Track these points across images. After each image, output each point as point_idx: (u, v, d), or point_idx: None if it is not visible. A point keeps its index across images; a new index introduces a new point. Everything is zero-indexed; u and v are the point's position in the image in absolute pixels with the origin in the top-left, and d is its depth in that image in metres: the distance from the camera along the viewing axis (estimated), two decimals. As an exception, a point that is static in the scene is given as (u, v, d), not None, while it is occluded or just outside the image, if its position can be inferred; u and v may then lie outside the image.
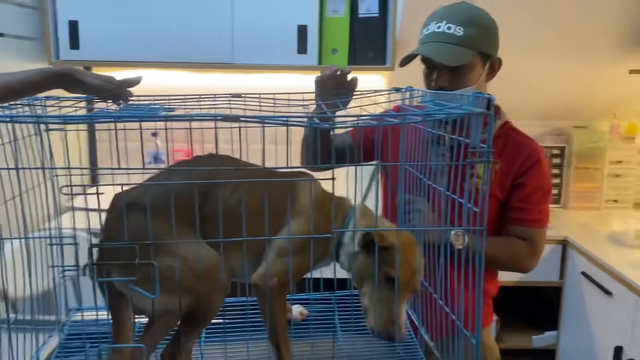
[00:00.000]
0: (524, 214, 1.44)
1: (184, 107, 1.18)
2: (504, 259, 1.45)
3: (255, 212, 1.02)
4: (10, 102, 1.06)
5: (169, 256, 0.95)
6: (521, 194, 1.44)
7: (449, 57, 1.37)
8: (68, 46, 2.54)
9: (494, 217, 1.47)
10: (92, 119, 0.78)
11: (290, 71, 2.77)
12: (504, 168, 1.44)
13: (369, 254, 1.03)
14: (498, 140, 1.46)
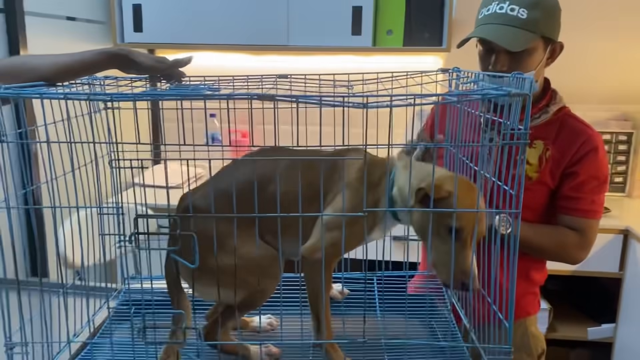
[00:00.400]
0: (576, 203, 1.40)
1: (231, 88, 1.22)
2: (551, 248, 1.42)
3: (305, 197, 1.02)
4: (70, 82, 1.13)
5: (228, 254, 1.00)
6: (573, 183, 1.39)
7: (511, 41, 1.32)
8: (132, 29, 2.66)
9: (543, 206, 1.43)
10: (138, 97, 0.82)
11: (345, 53, 2.78)
12: (556, 155, 1.40)
13: (426, 207, 0.97)
14: (552, 126, 1.43)
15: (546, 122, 1.43)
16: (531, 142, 1.42)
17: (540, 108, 1.43)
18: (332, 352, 1.06)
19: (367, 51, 2.66)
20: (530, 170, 1.41)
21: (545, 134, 1.43)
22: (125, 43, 2.67)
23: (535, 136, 1.43)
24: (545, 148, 1.42)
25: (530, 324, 1.53)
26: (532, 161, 1.42)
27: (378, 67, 2.83)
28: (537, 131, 1.42)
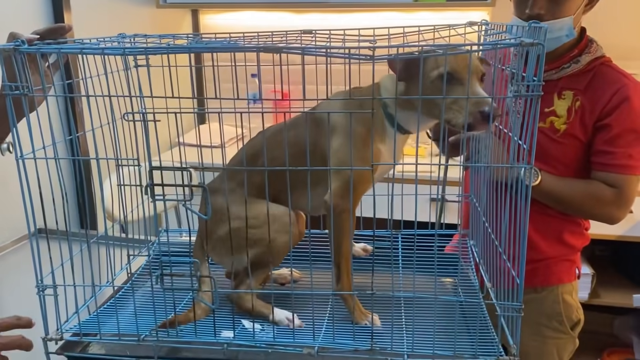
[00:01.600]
0: (611, 159, 1.32)
1: (257, 43, 1.22)
2: (585, 203, 1.35)
3: (301, 154, 1.03)
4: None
5: (238, 220, 1.05)
6: (607, 136, 1.32)
7: None
8: (174, -11, 2.68)
9: (577, 161, 1.37)
10: (171, 50, 0.84)
11: (386, 9, 2.71)
12: (587, 106, 1.34)
13: (410, 78, 0.98)
14: (583, 76, 1.38)
15: (577, 71, 1.38)
16: (560, 93, 1.37)
17: (572, 57, 1.38)
18: (350, 301, 1.08)
19: (408, 7, 2.59)
20: (559, 122, 1.37)
21: (575, 84, 1.38)
22: (168, 3, 2.70)
23: (564, 86, 1.38)
24: (574, 98, 1.37)
25: (564, 291, 1.47)
26: (560, 113, 1.37)
27: (421, 24, 2.74)
28: (566, 81, 1.38)
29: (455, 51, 0.92)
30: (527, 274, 0.94)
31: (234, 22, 3.02)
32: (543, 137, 1.37)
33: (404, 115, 1.06)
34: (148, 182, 0.88)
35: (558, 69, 1.38)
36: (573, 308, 1.47)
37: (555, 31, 1.31)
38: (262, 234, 1.04)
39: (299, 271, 1.27)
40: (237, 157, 1.20)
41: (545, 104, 1.38)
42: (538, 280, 1.43)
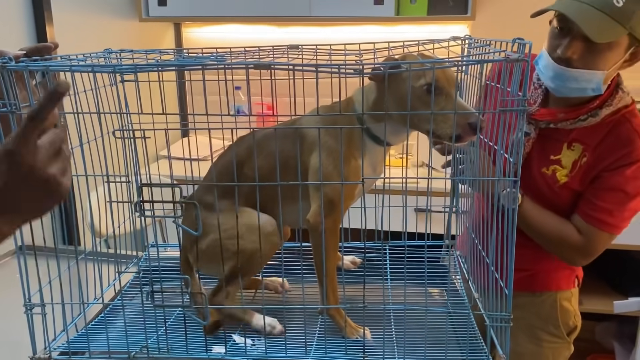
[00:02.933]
0: (591, 209, 1.29)
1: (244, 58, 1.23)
2: (551, 238, 1.33)
3: (281, 167, 1.04)
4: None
5: (214, 234, 1.05)
6: (597, 187, 1.28)
7: (597, 29, 1.12)
8: (156, 3, 2.68)
9: (566, 207, 1.33)
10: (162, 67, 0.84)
11: (368, 23, 2.74)
12: (592, 163, 1.28)
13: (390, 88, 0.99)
14: (599, 130, 1.27)
15: (593, 125, 1.28)
16: (570, 143, 1.30)
17: (591, 109, 1.26)
18: (337, 317, 1.08)
19: (390, 21, 2.62)
20: (561, 173, 1.31)
21: (588, 138, 1.29)
22: (150, 17, 2.70)
23: (576, 138, 1.29)
24: (583, 154, 1.29)
25: (562, 297, 1.46)
26: (565, 164, 1.31)
27: (402, 37, 2.76)
28: (579, 133, 1.29)
29: (443, 66, 0.94)
30: (526, 279, 0.96)
31: (217, 36, 3.03)
32: (542, 182, 1.33)
33: (380, 127, 1.07)
34: (138, 199, 0.88)
35: (574, 120, 1.28)
36: (570, 314, 1.47)
37: (582, 81, 1.20)
38: (241, 244, 1.04)
39: (290, 284, 1.27)
40: (222, 164, 1.18)
41: (552, 151, 1.32)
42: (537, 286, 1.43)
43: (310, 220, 1.07)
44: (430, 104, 0.92)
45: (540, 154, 1.29)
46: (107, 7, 2.62)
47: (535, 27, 2.52)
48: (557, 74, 1.21)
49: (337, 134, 1.06)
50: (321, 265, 1.07)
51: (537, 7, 1.27)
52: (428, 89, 0.95)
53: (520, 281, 1.09)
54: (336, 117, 1.09)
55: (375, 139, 1.10)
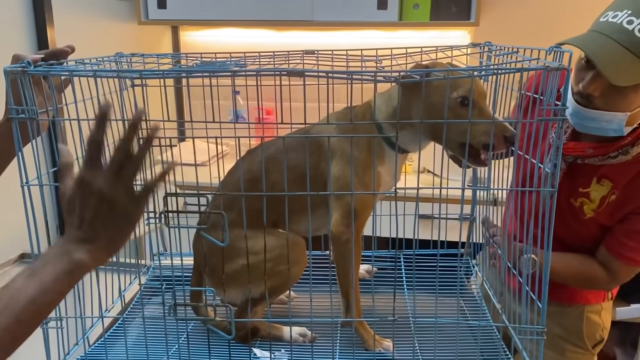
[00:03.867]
0: (620, 247, 1.26)
1: (258, 64, 1.21)
2: (577, 280, 1.33)
3: (299, 181, 1.03)
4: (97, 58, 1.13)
5: (243, 256, 1.01)
6: (627, 227, 1.25)
7: (619, 70, 1.03)
8: (156, 6, 2.64)
9: (591, 238, 1.31)
10: (167, 74, 0.82)
11: (371, 28, 2.73)
12: (622, 201, 1.23)
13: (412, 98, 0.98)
14: (629, 167, 1.22)
15: (624, 162, 1.21)
16: (600, 178, 1.25)
17: (621, 146, 1.19)
18: (361, 330, 1.06)
19: (393, 26, 2.61)
20: (588, 207, 1.27)
21: (617, 176, 1.23)
22: (150, 20, 2.66)
23: (606, 174, 1.24)
24: (611, 191, 1.24)
25: (590, 310, 1.43)
26: (594, 198, 1.26)
27: (404, 42, 2.77)
28: (609, 169, 1.23)
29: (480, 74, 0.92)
30: (553, 289, 0.93)
31: (215, 39, 3.00)
32: (569, 213, 1.30)
33: (401, 135, 1.06)
34: (163, 209, 0.85)
35: (603, 156, 1.21)
36: (598, 327, 1.44)
37: (601, 122, 1.13)
38: (275, 266, 1.02)
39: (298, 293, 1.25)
40: (234, 182, 1.14)
41: (582, 184, 1.27)
42: (565, 297, 1.41)
43: (333, 230, 1.04)
44: (463, 116, 0.90)
45: (569, 184, 1.25)
46: (106, 9, 2.58)
47: (537, 34, 2.53)
48: (575, 111, 1.15)
49: (355, 141, 1.04)
50: (344, 275, 1.04)
51: (538, 14, 1.18)
52: (462, 101, 0.94)
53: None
54: (356, 123, 1.06)
55: (393, 146, 1.08)
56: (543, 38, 2.50)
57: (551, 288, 0.97)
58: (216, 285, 1.08)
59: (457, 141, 0.97)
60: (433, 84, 0.95)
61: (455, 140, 0.97)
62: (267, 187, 1.02)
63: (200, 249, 1.08)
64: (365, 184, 1.04)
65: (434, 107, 0.95)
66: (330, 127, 1.09)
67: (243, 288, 1.04)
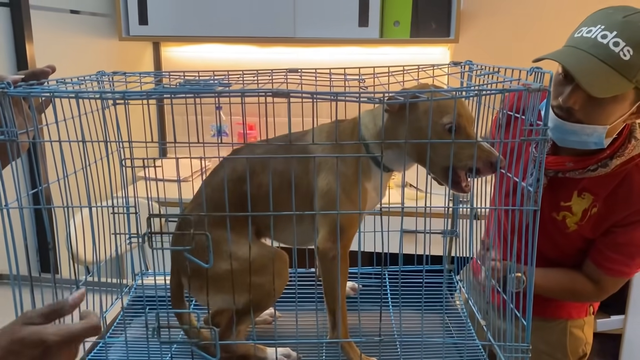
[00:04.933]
0: (607, 260, 1.27)
1: (241, 82, 1.21)
2: (563, 295, 1.35)
3: (285, 186, 1.02)
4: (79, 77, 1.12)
5: (226, 260, 1.00)
6: (612, 241, 1.26)
7: (598, 83, 1.06)
8: (137, 22, 2.64)
9: (576, 251, 1.32)
10: (150, 95, 0.81)
11: (351, 45, 2.76)
12: (604, 214, 1.24)
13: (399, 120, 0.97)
14: (609, 180, 1.23)
15: (604, 175, 1.23)
16: (581, 192, 1.26)
17: (600, 159, 1.21)
18: (347, 348, 1.05)
19: (374, 43, 2.64)
20: (571, 221, 1.28)
21: (598, 188, 1.25)
22: (131, 36, 2.65)
23: (586, 187, 1.26)
24: (593, 204, 1.26)
25: (573, 325, 1.45)
26: (575, 211, 1.27)
27: (385, 58, 2.82)
28: (589, 182, 1.25)
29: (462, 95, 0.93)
30: (536, 304, 0.94)
31: (196, 55, 3.00)
32: (552, 227, 1.31)
33: (386, 155, 1.06)
34: (147, 231, 0.84)
35: (583, 169, 1.23)
36: (581, 342, 1.46)
37: (582, 135, 1.15)
38: (259, 279, 1.01)
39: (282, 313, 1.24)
40: (218, 181, 1.11)
41: (563, 198, 1.28)
42: (548, 312, 1.42)
43: (320, 246, 1.04)
44: (450, 142, 0.91)
45: (551, 199, 1.27)
46: (87, 25, 2.56)
47: (515, 51, 2.58)
48: (556, 126, 1.17)
49: (345, 158, 1.05)
50: (331, 293, 1.04)
51: (517, 30, 1.22)
52: (451, 128, 0.94)
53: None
54: (343, 138, 1.07)
55: (379, 164, 1.08)
56: (521, 54, 2.55)
57: (535, 303, 0.98)
58: (195, 289, 1.06)
59: (441, 165, 0.98)
60: (421, 108, 0.96)
61: (440, 164, 0.98)
62: (252, 188, 1.01)
63: (179, 252, 1.06)
64: (352, 200, 1.04)
65: (421, 131, 0.96)
66: (318, 139, 1.09)
67: (223, 295, 1.02)
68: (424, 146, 0.95)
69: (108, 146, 1.00)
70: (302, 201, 1.05)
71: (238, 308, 1.02)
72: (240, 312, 1.02)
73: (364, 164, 1.07)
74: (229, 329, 1.03)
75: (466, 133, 0.97)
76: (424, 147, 0.97)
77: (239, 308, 1.02)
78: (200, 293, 1.07)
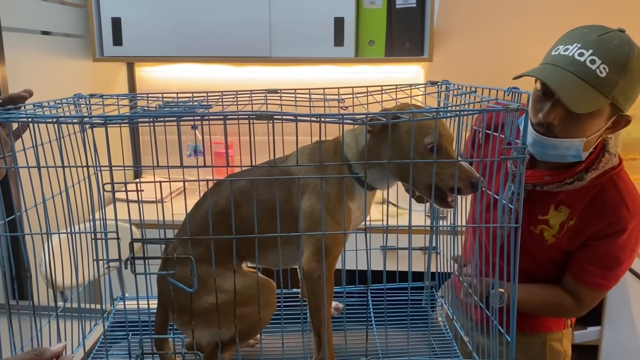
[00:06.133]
0: (585, 273, 1.29)
1: (222, 103, 1.21)
2: (544, 310, 1.37)
3: (269, 215, 1.03)
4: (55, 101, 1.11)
5: (212, 294, 1.00)
6: (589, 254, 1.28)
7: (577, 99, 1.10)
8: (112, 43, 2.62)
9: (555, 263, 1.35)
10: (132, 119, 0.81)
11: (327, 64, 2.78)
12: (580, 226, 1.27)
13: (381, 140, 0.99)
14: (585, 193, 1.26)
15: (580, 188, 1.26)
16: (558, 205, 1.29)
17: (576, 173, 1.25)
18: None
19: (350, 62, 2.67)
20: (549, 234, 1.31)
21: (574, 201, 1.28)
22: (105, 57, 2.63)
23: (563, 201, 1.29)
24: (570, 217, 1.28)
25: (552, 338, 1.47)
26: (553, 224, 1.30)
27: (361, 77, 2.85)
28: (566, 196, 1.28)
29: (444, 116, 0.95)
30: (517, 318, 0.95)
31: (171, 75, 2.99)
32: (530, 240, 1.33)
33: (370, 174, 1.07)
34: (129, 256, 0.83)
35: (560, 183, 1.26)
36: (560, 355, 1.48)
37: (561, 149, 1.19)
38: (247, 309, 1.00)
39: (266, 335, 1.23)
40: (202, 215, 1.11)
41: (540, 211, 1.31)
42: (527, 326, 1.44)
43: (305, 267, 1.04)
44: (432, 162, 0.93)
45: (528, 212, 1.29)
46: (60, 46, 2.54)
47: (488, 69, 2.63)
48: (536, 141, 1.21)
49: (329, 179, 1.05)
50: (316, 313, 1.04)
51: (490, 49, 1.25)
52: (432, 148, 0.96)
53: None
54: (326, 158, 1.07)
55: (363, 183, 1.09)
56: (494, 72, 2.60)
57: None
58: (183, 324, 1.05)
59: (424, 183, 0.99)
60: (402, 128, 0.98)
61: (423, 182, 0.99)
62: (236, 221, 1.01)
63: (166, 286, 1.04)
64: (337, 220, 1.05)
65: (403, 151, 0.97)
66: (300, 162, 1.09)
67: (212, 329, 1.01)
68: (407, 165, 0.97)
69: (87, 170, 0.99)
70: (286, 225, 1.05)
71: (224, 339, 1.01)
72: (226, 342, 1.01)
73: (347, 184, 1.08)
74: (214, 354, 1.02)
75: (447, 152, 0.98)
76: (406, 167, 0.98)
77: (225, 340, 1.01)
78: (187, 328, 1.05)
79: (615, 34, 1.13)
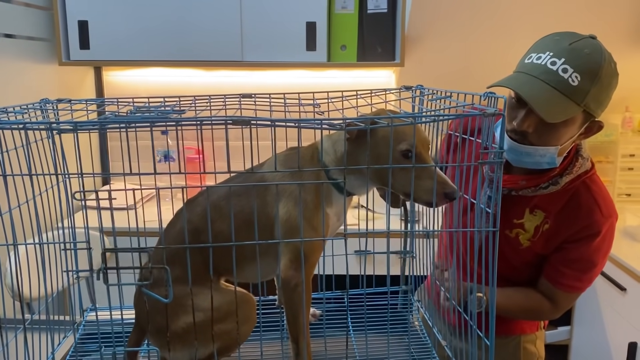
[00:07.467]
0: (560, 276, 1.31)
1: (194, 108, 1.18)
2: (521, 314, 1.39)
3: (245, 226, 1.01)
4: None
5: (190, 313, 0.97)
6: (564, 257, 1.30)
7: (550, 108, 1.10)
8: (78, 46, 2.56)
9: (529, 265, 1.36)
10: (104, 125, 0.78)
11: (300, 68, 2.77)
12: (555, 229, 1.29)
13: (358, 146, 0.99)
14: (560, 197, 1.28)
15: (554, 192, 1.28)
16: (533, 209, 1.31)
17: (551, 177, 1.27)
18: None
19: (322, 66, 2.67)
20: (524, 237, 1.32)
21: (549, 205, 1.30)
22: (72, 61, 2.57)
23: (538, 204, 1.30)
24: (544, 220, 1.30)
25: (526, 340, 1.48)
26: (528, 228, 1.32)
27: (334, 81, 2.85)
28: (541, 200, 1.30)
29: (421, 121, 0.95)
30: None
31: (140, 79, 2.93)
32: (505, 244, 1.34)
33: (348, 180, 1.06)
34: (101, 266, 0.80)
35: (535, 187, 1.28)
36: (534, 356, 1.49)
37: (536, 156, 1.21)
38: (226, 326, 0.98)
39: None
40: (175, 234, 1.09)
41: (515, 215, 1.32)
42: (500, 330, 1.44)
43: (282, 274, 1.02)
44: (408, 168, 0.93)
45: (503, 216, 1.29)
46: (24, 50, 2.46)
47: (460, 74, 2.67)
48: (511, 148, 1.21)
49: (306, 185, 1.04)
50: (294, 321, 1.02)
51: (460, 54, 1.26)
52: (405, 154, 0.96)
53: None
54: (303, 164, 1.06)
55: (341, 189, 1.08)
56: (466, 77, 2.64)
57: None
58: (161, 346, 1.02)
59: (401, 191, 1.00)
60: (379, 134, 0.97)
61: (401, 190, 0.99)
62: (212, 237, 0.99)
63: (142, 307, 1.02)
64: (314, 226, 1.03)
65: (380, 157, 0.97)
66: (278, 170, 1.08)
67: (190, 348, 0.99)
68: (384, 172, 0.96)
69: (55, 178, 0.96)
70: (262, 236, 1.02)
71: (201, 358, 0.99)
72: (206, 357, 0.99)
73: (325, 190, 1.07)
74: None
75: (422, 158, 0.98)
76: (384, 173, 0.97)
77: (204, 357, 0.99)
78: (165, 350, 1.02)
79: (586, 41, 1.14)
